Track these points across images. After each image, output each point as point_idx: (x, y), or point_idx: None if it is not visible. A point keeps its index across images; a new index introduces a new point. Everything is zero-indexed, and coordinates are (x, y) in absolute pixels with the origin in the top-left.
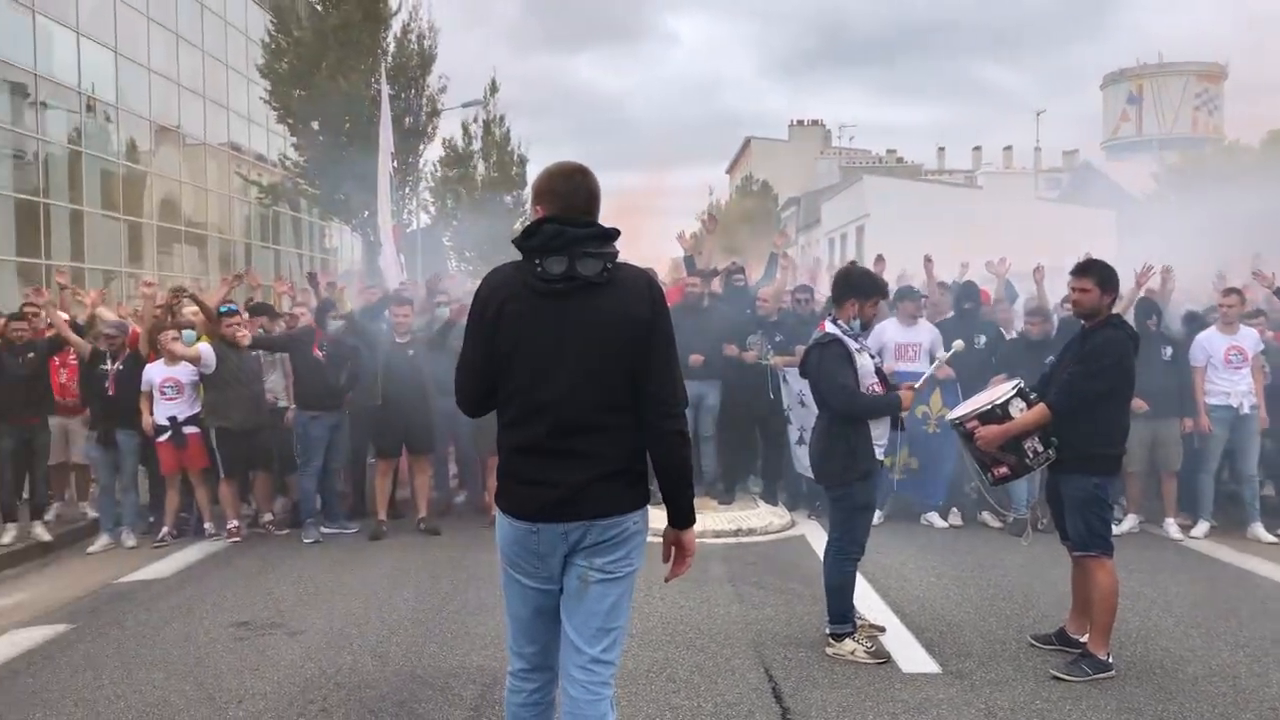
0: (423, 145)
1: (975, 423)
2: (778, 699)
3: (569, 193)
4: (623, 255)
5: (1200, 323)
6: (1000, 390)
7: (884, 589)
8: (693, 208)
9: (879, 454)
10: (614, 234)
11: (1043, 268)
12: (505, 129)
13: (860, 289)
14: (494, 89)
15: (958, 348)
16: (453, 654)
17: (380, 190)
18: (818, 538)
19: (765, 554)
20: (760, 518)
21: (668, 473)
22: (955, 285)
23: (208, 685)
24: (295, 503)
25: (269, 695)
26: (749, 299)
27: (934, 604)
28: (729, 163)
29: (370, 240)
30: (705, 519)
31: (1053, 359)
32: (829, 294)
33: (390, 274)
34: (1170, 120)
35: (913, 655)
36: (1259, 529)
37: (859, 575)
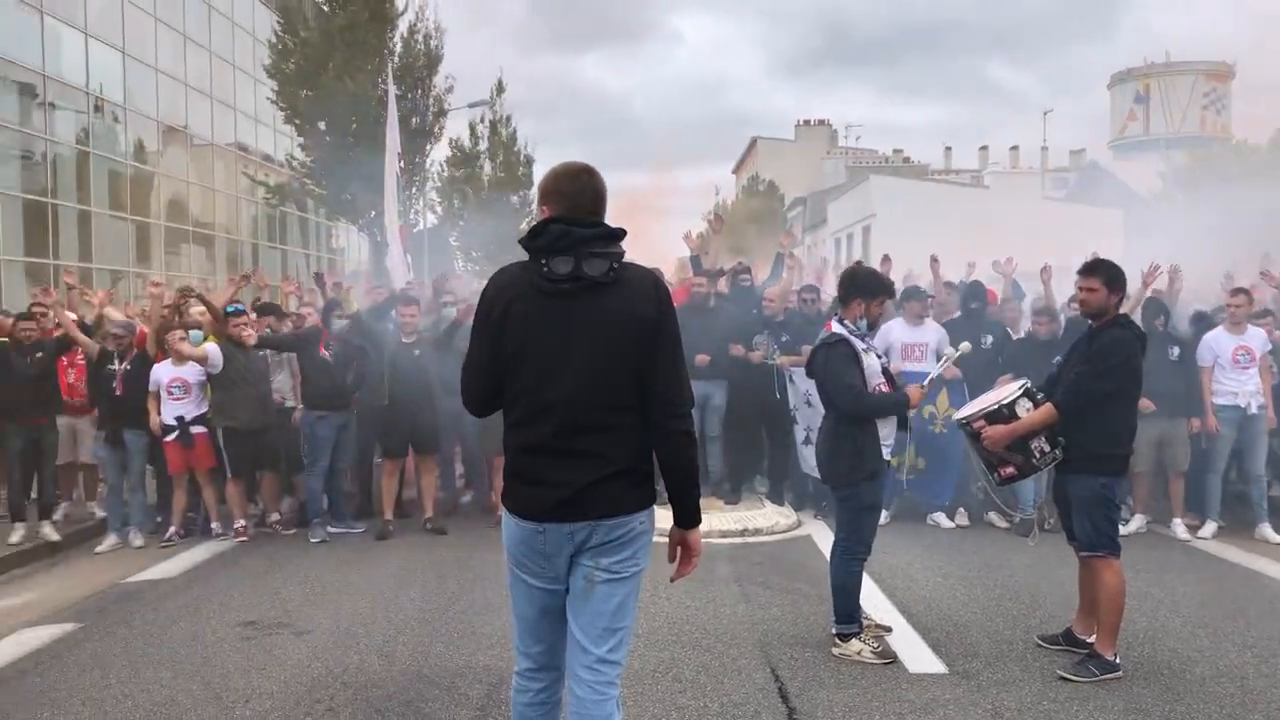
0: (429, 145)
1: (982, 422)
2: (784, 699)
3: (575, 193)
4: (629, 255)
5: (1208, 323)
6: (1007, 390)
7: (890, 589)
8: (699, 208)
9: (886, 454)
10: (620, 234)
11: (1050, 267)
12: (512, 129)
13: (866, 289)
14: (500, 89)
15: (965, 349)
16: (459, 653)
17: (387, 190)
18: (824, 538)
19: (771, 554)
20: (766, 518)
21: (674, 473)
22: (962, 285)
23: (215, 684)
24: (302, 503)
25: (276, 695)
26: (755, 299)
27: (940, 604)
28: (735, 163)
29: (377, 240)
30: (711, 519)
31: (1060, 359)
32: (835, 294)
33: (397, 274)
34: (1178, 119)
35: (919, 655)
36: (1267, 529)
37: (865, 575)
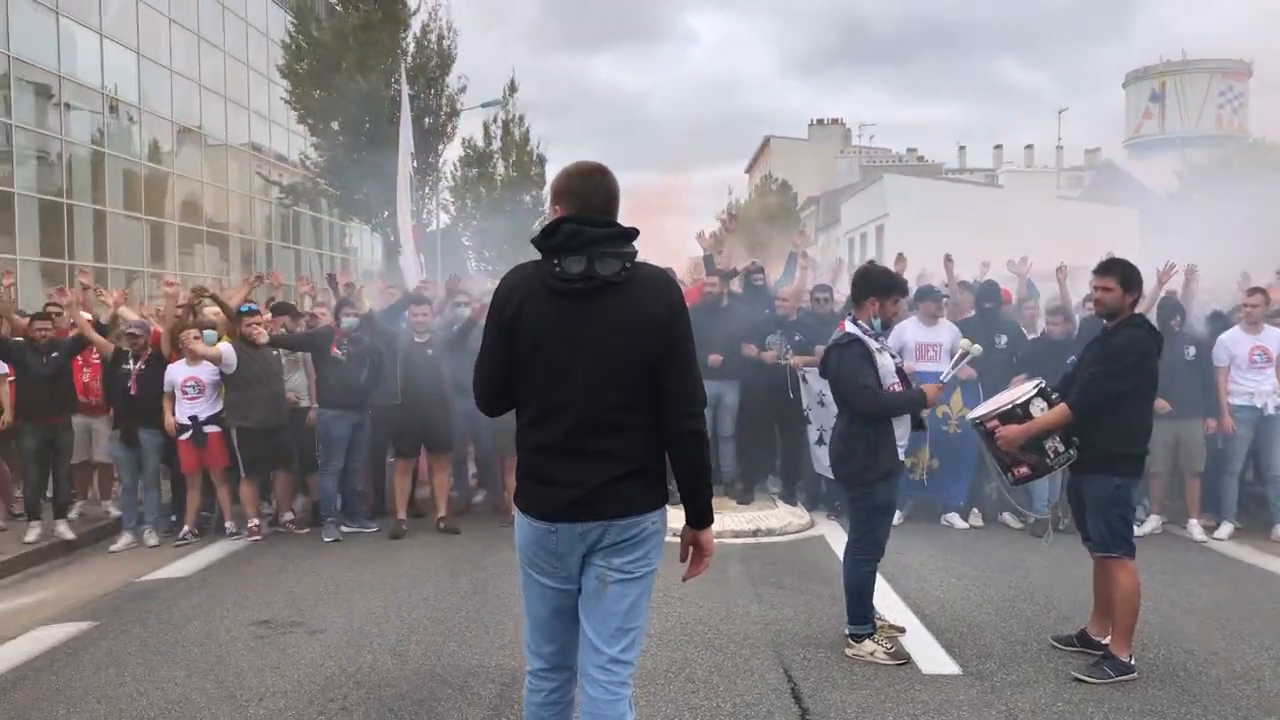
0: (442, 145)
1: (996, 422)
2: (797, 700)
3: (588, 192)
4: (641, 255)
5: (1224, 322)
6: (1021, 390)
7: (904, 590)
8: (712, 207)
9: (900, 454)
10: (633, 234)
11: (1065, 267)
12: (524, 129)
13: (880, 288)
14: (513, 89)
15: (976, 353)
16: (472, 653)
17: (400, 190)
18: (837, 538)
19: (784, 554)
20: (779, 518)
21: (686, 473)
22: (976, 284)
23: (229, 683)
24: (315, 502)
25: (289, 693)
26: (768, 299)
27: (954, 605)
28: (748, 162)
29: (390, 240)
30: (724, 519)
31: (1074, 359)
32: (849, 293)
33: (410, 274)
34: (1194, 118)
35: (933, 656)
36: None
37: (879, 576)
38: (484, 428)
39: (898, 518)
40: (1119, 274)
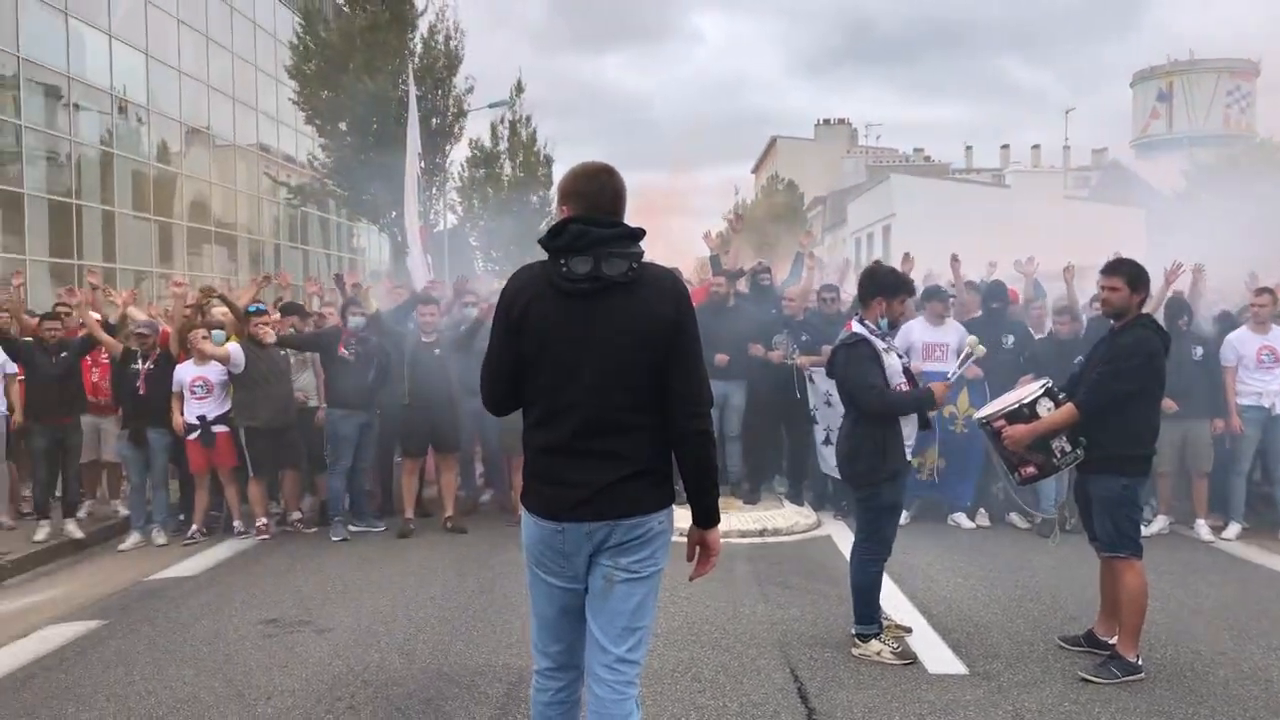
0: (449, 145)
1: (1003, 422)
2: (803, 699)
3: (594, 193)
4: (648, 255)
5: (1232, 322)
6: (1028, 390)
7: (911, 589)
8: (718, 207)
9: (908, 454)
10: (639, 234)
11: (1072, 267)
12: (531, 129)
13: (887, 287)
14: (520, 89)
15: (981, 353)
16: (479, 652)
17: (407, 191)
18: (843, 538)
19: (790, 554)
20: (785, 518)
21: (693, 473)
22: (983, 284)
23: (237, 682)
24: (323, 501)
25: (297, 692)
26: (775, 298)
27: (961, 605)
28: (754, 162)
29: (398, 240)
30: (730, 519)
31: (1081, 359)
32: (855, 293)
33: (418, 274)
34: (1201, 117)
35: (940, 656)
36: None
37: (885, 576)
38: (491, 427)
39: (904, 518)
40: (1126, 274)
